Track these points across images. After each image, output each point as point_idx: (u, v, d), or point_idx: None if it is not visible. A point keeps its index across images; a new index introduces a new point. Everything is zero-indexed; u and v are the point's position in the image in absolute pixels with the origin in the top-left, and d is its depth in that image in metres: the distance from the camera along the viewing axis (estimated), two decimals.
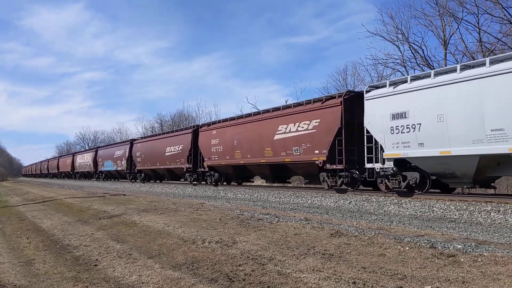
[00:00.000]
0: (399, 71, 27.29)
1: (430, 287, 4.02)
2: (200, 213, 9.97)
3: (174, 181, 28.28)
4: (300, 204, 13.76)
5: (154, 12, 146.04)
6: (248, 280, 4.64)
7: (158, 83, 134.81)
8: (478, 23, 22.88)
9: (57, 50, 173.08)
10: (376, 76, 30.24)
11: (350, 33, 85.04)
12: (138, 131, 65.70)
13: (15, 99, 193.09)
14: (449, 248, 5.31)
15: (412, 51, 26.83)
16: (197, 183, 23.23)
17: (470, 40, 52.20)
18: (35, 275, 5.71)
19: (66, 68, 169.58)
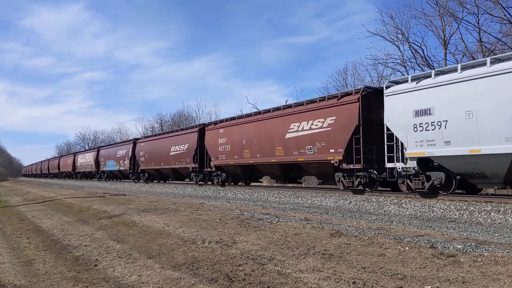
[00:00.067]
0: (399, 71, 27.30)
1: (430, 287, 4.02)
2: (200, 213, 9.98)
3: (176, 181, 27.68)
4: (300, 204, 13.76)
5: (154, 12, 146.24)
6: (248, 280, 4.64)
7: (158, 83, 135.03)
8: (478, 23, 22.90)
9: (57, 50, 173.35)
10: (376, 76, 30.27)
11: (350, 33, 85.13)
12: (138, 131, 65.74)
13: (15, 99, 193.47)
14: (449, 248, 5.32)
15: (412, 51, 26.85)
16: (203, 184, 22.51)
17: (470, 40, 52.19)
18: (35, 275, 5.71)
19: (66, 68, 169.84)
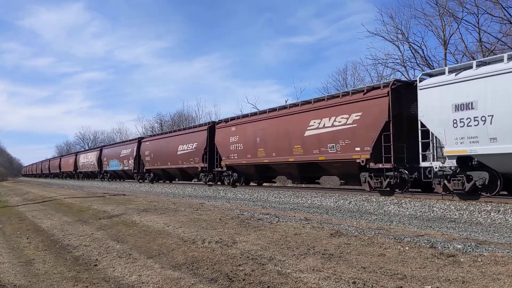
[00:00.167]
0: (399, 71, 27.32)
1: (430, 287, 4.02)
2: (200, 213, 9.98)
3: (180, 182, 27.01)
4: (300, 204, 13.76)
5: (154, 12, 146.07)
6: (248, 280, 4.64)
7: (158, 83, 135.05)
8: (478, 23, 22.90)
9: (57, 50, 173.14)
10: (376, 76, 30.26)
11: (350, 33, 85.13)
12: (138, 131, 65.67)
13: (15, 99, 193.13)
14: (449, 248, 5.32)
15: (412, 51, 26.86)
16: (213, 184, 21.69)
17: (470, 40, 52.16)
18: (35, 275, 5.71)
19: (66, 68, 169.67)
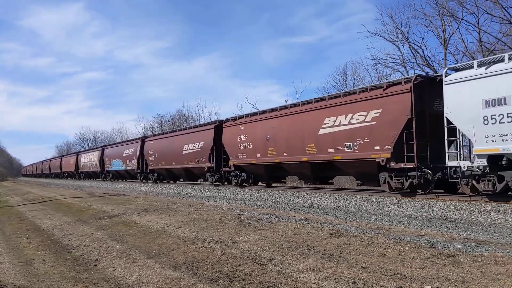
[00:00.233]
0: (399, 71, 27.32)
1: (430, 287, 4.02)
2: (200, 213, 9.97)
3: (186, 182, 26.49)
4: (300, 204, 13.76)
5: (154, 12, 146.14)
6: (248, 280, 4.64)
7: (158, 83, 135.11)
8: (478, 23, 22.92)
9: (57, 50, 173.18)
10: (376, 76, 30.30)
11: (350, 33, 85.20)
12: (138, 131, 65.71)
13: (15, 99, 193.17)
14: (449, 248, 5.31)
15: (412, 51, 26.89)
16: (220, 184, 21.17)
17: (470, 40, 52.18)
18: (35, 275, 5.70)
19: (66, 68, 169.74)
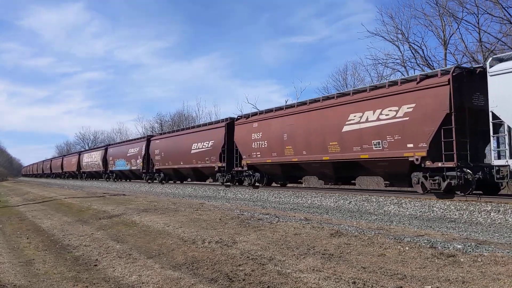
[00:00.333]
0: (399, 71, 27.32)
1: (430, 287, 4.02)
2: (200, 213, 9.97)
3: (193, 182, 25.89)
4: (300, 204, 13.76)
5: (154, 12, 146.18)
6: (248, 280, 4.64)
7: (158, 83, 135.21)
8: (478, 23, 22.90)
9: (57, 50, 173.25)
10: (376, 76, 30.29)
11: (350, 33, 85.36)
12: (138, 131, 65.75)
13: (15, 99, 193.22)
14: (449, 248, 5.31)
15: (412, 51, 26.89)
16: (231, 185, 20.38)
17: (470, 40, 52.32)
18: (35, 275, 5.70)
19: (66, 68, 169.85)
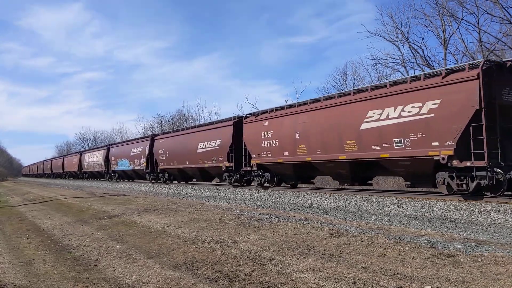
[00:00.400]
0: (399, 71, 27.35)
1: (430, 287, 4.02)
2: (200, 213, 9.97)
3: (199, 183, 25.43)
4: (300, 204, 13.76)
5: (154, 12, 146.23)
6: (248, 280, 4.64)
7: (158, 83, 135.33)
8: (478, 23, 22.93)
9: (57, 50, 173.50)
10: (376, 76, 30.31)
11: (350, 33, 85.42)
12: (138, 131, 65.75)
13: (15, 99, 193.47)
14: (449, 248, 5.31)
15: (412, 51, 26.92)
16: (239, 185, 19.87)
17: (470, 40, 52.33)
18: (35, 275, 5.71)
19: (66, 68, 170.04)
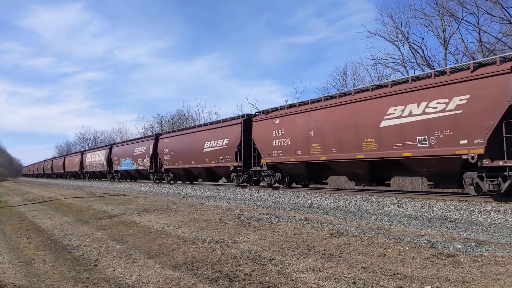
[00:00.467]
0: (399, 71, 27.35)
1: (430, 287, 4.02)
2: (200, 213, 9.97)
3: (205, 183, 25.02)
4: (300, 204, 13.76)
5: (154, 12, 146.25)
6: (248, 280, 4.64)
7: (158, 83, 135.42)
8: (478, 23, 22.95)
9: (57, 50, 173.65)
10: (376, 76, 30.30)
11: (350, 33, 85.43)
12: (138, 131, 65.76)
13: (15, 99, 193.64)
14: (449, 248, 5.31)
15: (412, 51, 26.94)
16: (248, 185, 19.21)
17: (470, 40, 52.37)
18: (35, 275, 5.70)
19: (66, 68, 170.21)
